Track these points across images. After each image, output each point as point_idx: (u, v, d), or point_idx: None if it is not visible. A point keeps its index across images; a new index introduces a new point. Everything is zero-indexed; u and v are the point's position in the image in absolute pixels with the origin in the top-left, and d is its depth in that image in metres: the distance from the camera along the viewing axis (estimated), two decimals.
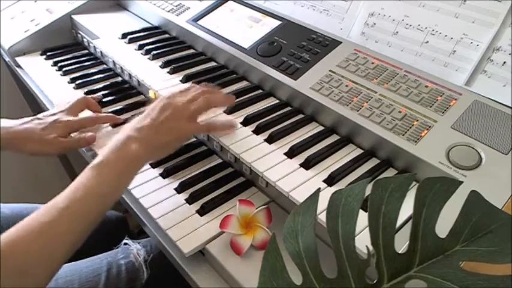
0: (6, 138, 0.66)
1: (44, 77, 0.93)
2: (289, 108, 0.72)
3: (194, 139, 0.74)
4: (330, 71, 0.70)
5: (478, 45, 0.66)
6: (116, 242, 0.72)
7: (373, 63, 0.69)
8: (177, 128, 0.59)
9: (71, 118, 0.70)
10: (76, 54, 1.01)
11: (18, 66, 0.99)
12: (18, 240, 0.43)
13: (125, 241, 0.69)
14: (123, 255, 0.67)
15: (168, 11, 0.96)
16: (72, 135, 0.70)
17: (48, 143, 0.66)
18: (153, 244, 0.69)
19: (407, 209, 0.39)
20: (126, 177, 0.54)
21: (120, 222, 0.90)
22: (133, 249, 0.68)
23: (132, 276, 0.65)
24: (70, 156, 1.41)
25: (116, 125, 0.75)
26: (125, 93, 0.86)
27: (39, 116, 0.71)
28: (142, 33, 0.95)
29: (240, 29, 0.85)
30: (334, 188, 0.56)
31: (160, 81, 0.78)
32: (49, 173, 1.43)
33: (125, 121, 0.72)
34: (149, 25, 1.02)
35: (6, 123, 0.67)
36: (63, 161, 1.42)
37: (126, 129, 0.57)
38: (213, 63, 0.86)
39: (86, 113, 0.75)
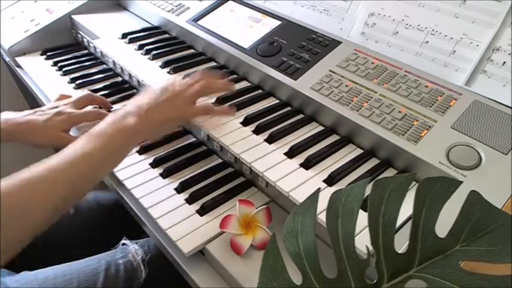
0: (9, 129, 0.66)
1: (44, 77, 0.93)
2: (289, 108, 0.72)
3: (194, 139, 0.74)
4: (330, 71, 0.70)
5: (478, 45, 0.66)
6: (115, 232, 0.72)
7: (373, 63, 0.69)
8: (176, 108, 0.61)
9: (74, 111, 0.71)
10: (76, 54, 1.01)
11: (18, 66, 0.99)
12: (2, 190, 0.43)
13: (123, 241, 0.69)
14: (121, 255, 0.67)
15: (168, 11, 0.96)
16: (74, 128, 0.71)
17: (50, 136, 0.67)
18: (151, 244, 0.69)
19: (407, 209, 0.39)
20: (120, 149, 0.55)
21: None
22: (132, 249, 0.67)
23: (131, 276, 0.65)
24: None
25: None
26: (125, 93, 0.86)
27: (43, 108, 0.71)
28: (142, 33, 0.95)
29: (240, 29, 0.85)
30: (334, 188, 0.56)
31: (160, 82, 0.78)
32: None
33: None
34: (149, 25, 1.02)
35: (9, 115, 0.68)
36: None
37: (125, 107, 0.58)
38: (213, 63, 0.86)
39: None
